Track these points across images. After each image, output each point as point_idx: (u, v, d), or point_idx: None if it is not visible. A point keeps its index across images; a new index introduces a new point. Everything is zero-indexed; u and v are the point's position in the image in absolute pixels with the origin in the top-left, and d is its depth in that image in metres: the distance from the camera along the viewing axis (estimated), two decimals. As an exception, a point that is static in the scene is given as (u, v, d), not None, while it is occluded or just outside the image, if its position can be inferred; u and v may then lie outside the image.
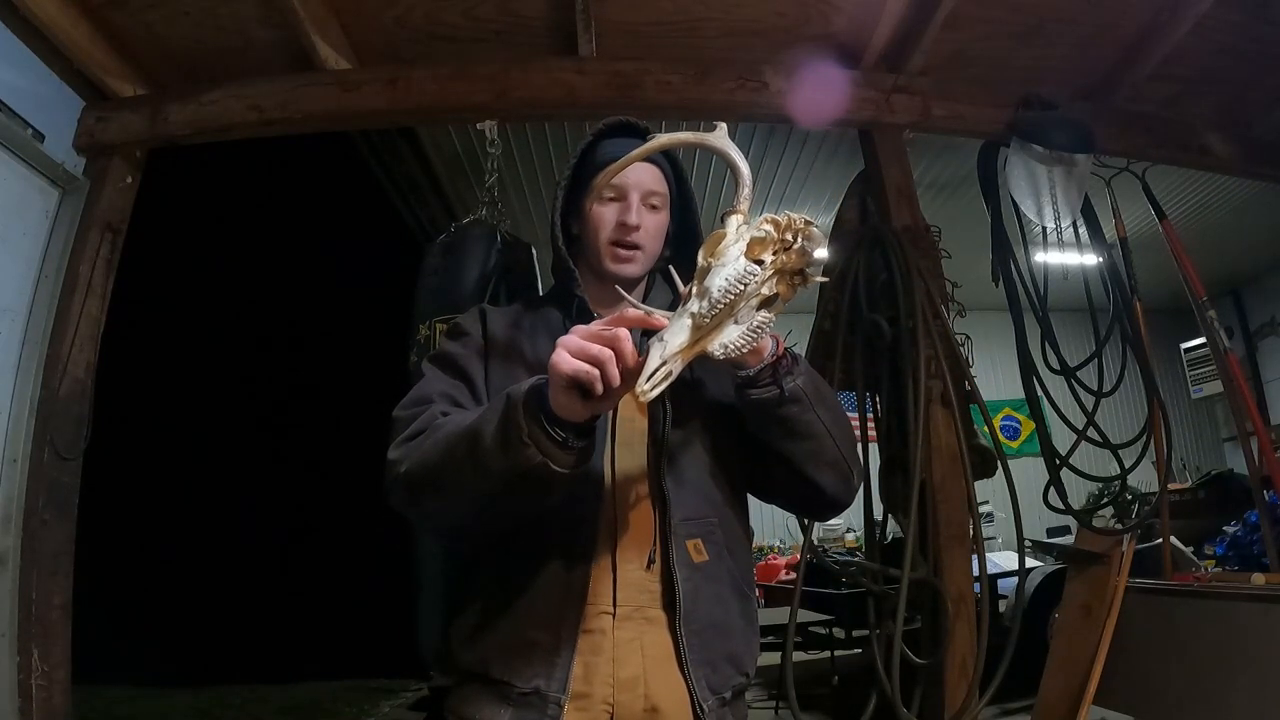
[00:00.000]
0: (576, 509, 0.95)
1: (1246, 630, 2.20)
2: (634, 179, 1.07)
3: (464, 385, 1.02)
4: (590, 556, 0.94)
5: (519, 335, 1.07)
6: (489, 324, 1.08)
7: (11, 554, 1.96)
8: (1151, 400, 2.56)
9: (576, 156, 1.13)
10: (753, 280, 0.79)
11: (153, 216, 2.60)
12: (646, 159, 1.07)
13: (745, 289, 0.79)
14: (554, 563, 0.93)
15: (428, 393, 1.00)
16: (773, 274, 0.82)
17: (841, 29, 2.33)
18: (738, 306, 0.80)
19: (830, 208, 3.59)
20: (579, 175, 1.12)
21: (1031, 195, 2.38)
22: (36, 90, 2.13)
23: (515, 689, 0.91)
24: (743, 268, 0.79)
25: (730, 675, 0.97)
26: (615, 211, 1.07)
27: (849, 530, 5.82)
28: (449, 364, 1.04)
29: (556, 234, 1.11)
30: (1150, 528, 3.13)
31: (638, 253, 1.07)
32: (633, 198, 1.06)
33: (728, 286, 0.77)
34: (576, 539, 0.94)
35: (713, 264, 0.81)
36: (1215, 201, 4.80)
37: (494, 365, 1.04)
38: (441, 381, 1.02)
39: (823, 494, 1.01)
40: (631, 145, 1.07)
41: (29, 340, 2.11)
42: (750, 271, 0.79)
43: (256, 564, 7.13)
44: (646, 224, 1.07)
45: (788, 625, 2.16)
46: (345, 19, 2.24)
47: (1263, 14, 2.30)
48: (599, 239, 1.07)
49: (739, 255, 0.80)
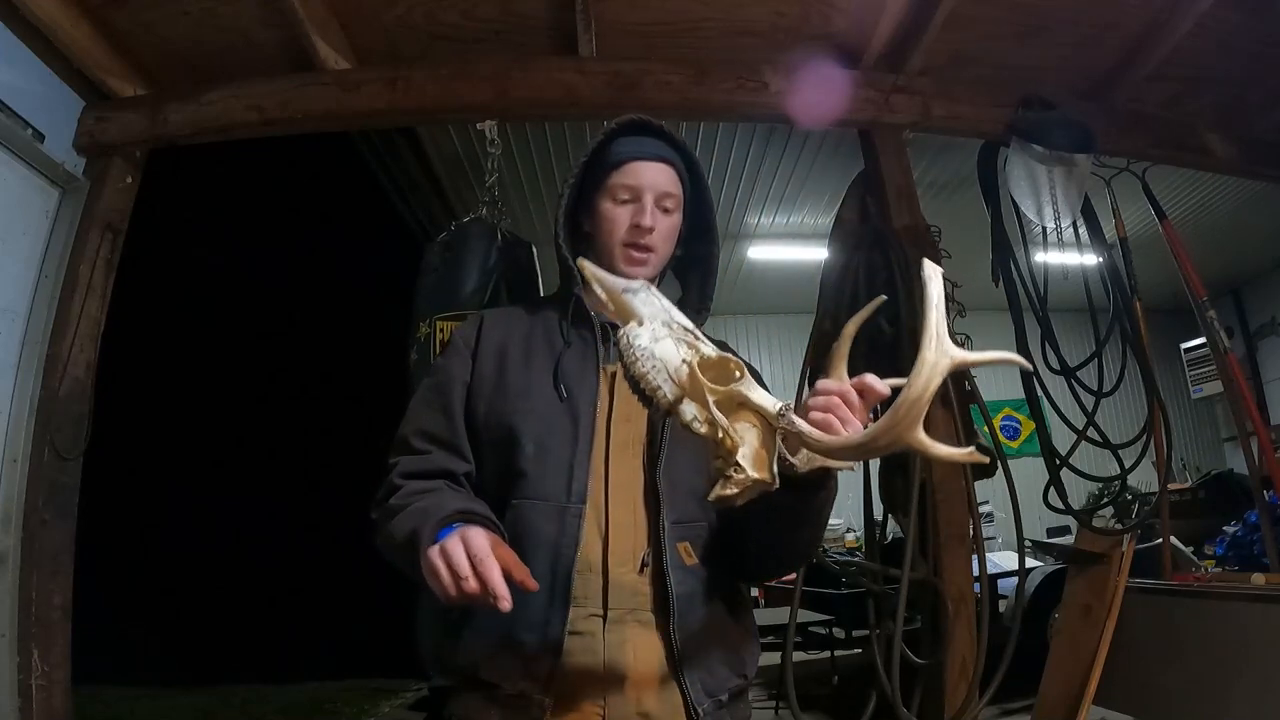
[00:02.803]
0: (567, 511, 0.94)
1: (1246, 630, 2.20)
2: (649, 180, 1.06)
3: (442, 419, 1.02)
4: (579, 559, 0.93)
5: (512, 344, 1.06)
6: (483, 336, 1.08)
7: (11, 554, 1.96)
8: (1151, 400, 2.56)
9: (588, 154, 1.11)
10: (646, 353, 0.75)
11: (153, 216, 2.59)
12: (661, 158, 1.08)
13: (646, 359, 0.75)
14: (542, 565, 0.93)
15: (406, 434, 1.02)
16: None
17: (841, 29, 2.33)
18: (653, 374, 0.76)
19: (830, 208, 3.59)
20: (590, 172, 1.11)
21: (1031, 195, 2.38)
22: (36, 90, 2.13)
23: (502, 691, 0.91)
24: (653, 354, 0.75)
25: (727, 677, 0.96)
26: (630, 213, 1.06)
27: (849, 530, 5.81)
28: (435, 390, 1.05)
29: (559, 231, 1.10)
30: (1150, 528, 3.13)
31: (651, 255, 1.07)
32: (647, 199, 1.06)
33: (648, 372, 0.75)
34: (565, 541, 0.94)
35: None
36: (1215, 201, 4.79)
37: (482, 380, 1.04)
38: (422, 416, 1.04)
39: (771, 575, 1.01)
40: (645, 144, 1.08)
41: (29, 340, 2.11)
42: (645, 349, 0.76)
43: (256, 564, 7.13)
44: (660, 226, 1.06)
45: (788, 625, 2.16)
46: (345, 19, 2.24)
47: (1263, 14, 2.30)
48: (612, 239, 1.07)
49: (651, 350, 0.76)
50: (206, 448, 7.71)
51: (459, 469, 1.00)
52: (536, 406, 1.00)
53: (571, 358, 1.04)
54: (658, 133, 1.11)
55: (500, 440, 0.99)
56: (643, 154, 1.08)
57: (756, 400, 0.72)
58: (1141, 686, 2.44)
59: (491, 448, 1.01)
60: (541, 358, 1.04)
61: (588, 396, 1.00)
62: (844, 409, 0.77)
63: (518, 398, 1.01)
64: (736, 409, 0.72)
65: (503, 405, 1.01)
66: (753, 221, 4.89)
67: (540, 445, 0.97)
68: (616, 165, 1.07)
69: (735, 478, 0.70)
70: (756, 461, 0.70)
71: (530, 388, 1.02)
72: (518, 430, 0.98)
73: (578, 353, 1.05)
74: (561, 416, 0.99)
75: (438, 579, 0.78)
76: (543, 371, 1.03)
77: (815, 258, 4.27)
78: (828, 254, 2.52)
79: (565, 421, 0.99)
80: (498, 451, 1.00)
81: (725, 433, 0.70)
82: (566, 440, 0.98)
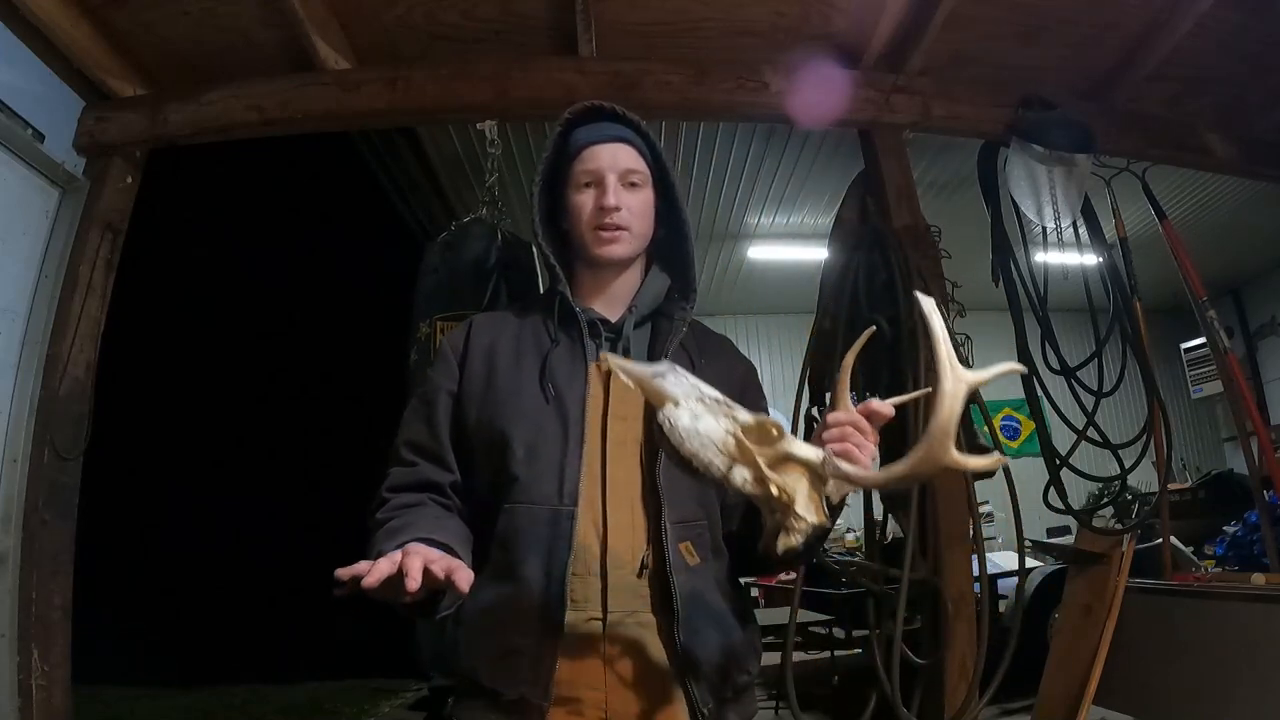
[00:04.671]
0: (560, 513, 0.94)
1: (1246, 630, 2.20)
2: (608, 161, 1.06)
3: (427, 430, 1.03)
4: (575, 562, 0.93)
5: (501, 347, 1.06)
6: (471, 342, 1.07)
7: (11, 554, 1.96)
8: (1151, 400, 2.56)
9: (550, 150, 1.11)
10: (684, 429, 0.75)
11: (153, 216, 2.59)
12: (620, 139, 1.08)
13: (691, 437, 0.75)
14: (538, 569, 0.92)
15: (397, 445, 1.04)
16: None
17: (841, 29, 2.33)
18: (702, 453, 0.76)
19: (830, 208, 3.59)
20: (556, 169, 1.11)
21: (1031, 195, 2.38)
22: (36, 90, 2.13)
23: (503, 697, 0.91)
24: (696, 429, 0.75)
25: (732, 675, 0.96)
26: (593, 197, 1.05)
27: (849, 530, 5.81)
28: (423, 401, 1.06)
29: (537, 230, 1.10)
30: (1150, 528, 3.12)
31: (622, 233, 1.05)
32: (609, 179, 1.05)
33: (697, 450, 0.74)
34: (558, 544, 0.93)
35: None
36: (1215, 201, 4.79)
37: (472, 385, 1.04)
38: (411, 427, 1.05)
39: (775, 571, 1.01)
40: (602, 128, 1.08)
41: (29, 340, 2.11)
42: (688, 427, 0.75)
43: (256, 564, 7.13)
44: (629, 203, 1.05)
45: (788, 625, 2.16)
46: (345, 19, 2.24)
47: (1263, 14, 2.30)
48: (581, 225, 1.06)
49: (694, 424, 0.76)
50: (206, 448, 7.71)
51: (444, 480, 1.00)
52: (526, 408, 0.99)
53: (559, 357, 1.03)
54: (612, 115, 1.10)
55: (492, 445, 0.99)
56: (600, 137, 1.08)
57: (802, 455, 0.78)
58: (1141, 686, 2.44)
59: (484, 453, 1.00)
60: (530, 359, 1.04)
61: (577, 395, 0.99)
62: (857, 435, 0.83)
63: (507, 401, 1.00)
64: (783, 463, 0.78)
65: (493, 409, 1.00)
66: (753, 221, 4.88)
67: (530, 448, 0.96)
68: (576, 154, 1.07)
69: (797, 527, 0.75)
70: (812, 508, 0.76)
71: (519, 390, 1.01)
72: (508, 434, 0.97)
73: (565, 351, 1.04)
74: (551, 417, 0.98)
75: (356, 570, 0.76)
76: (532, 373, 1.02)
77: (815, 258, 4.26)
78: (828, 254, 2.52)
79: (555, 422, 0.98)
80: (490, 456, 0.99)
81: (781, 490, 0.76)
82: (556, 441, 0.97)
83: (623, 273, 1.10)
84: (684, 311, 1.09)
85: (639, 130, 1.10)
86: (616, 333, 1.07)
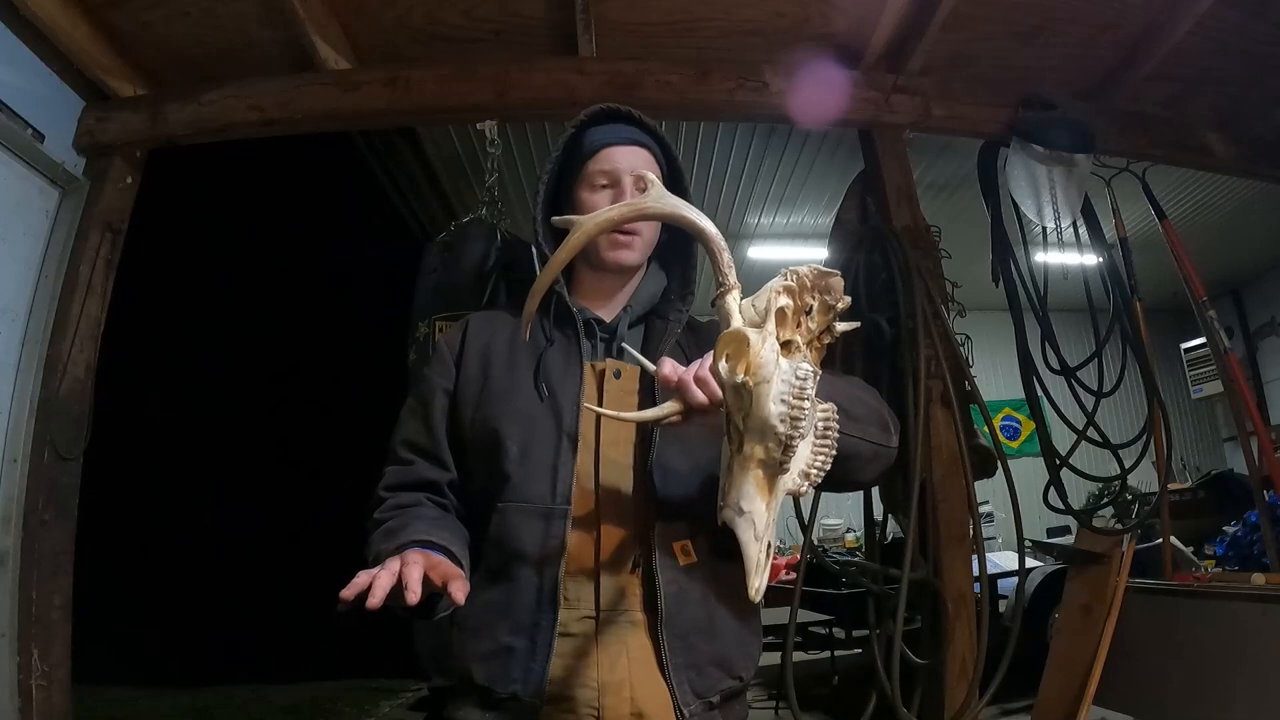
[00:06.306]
0: (552, 512, 0.94)
1: (1246, 630, 2.20)
2: (626, 163, 1.05)
3: (423, 428, 1.04)
4: (568, 561, 0.93)
5: (497, 346, 1.06)
6: (467, 341, 1.08)
7: (11, 554, 1.96)
8: (1151, 400, 2.56)
9: (560, 148, 1.11)
10: (811, 381, 0.62)
11: (153, 216, 2.59)
12: (635, 142, 1.07)
13: (806, 399, 0.62)
14: (531, 568, 0.92)
15: (394, 444, 1.05)
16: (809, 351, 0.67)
17: (841, 29, 2.33)
18: (804, 423, 0.63)
19: (830, 208, 3.59)
20: (566, 166, 1.10)
21: (1031, 195, 2.38)
22: (36, 90, 2.13)
23: (495, 694, 0.91)
24: (795, 378, 0.62)
25: (719, 679, 0.95)
26: (609, 198, 1.05)
27: (849, 530, 5.82)
28: (419, 400, 1.06)
29: (537, 229, 1.10)
30: (1150, 528, 3.13)
31: (635, 239, 1.06)
32: (626, 182, 1.04)
33: (791, 412, 0.61)
34: (550, 544, 0.93)
35: (751, 383, 0.64)
36: (1215, 201, 4.80)
37: (467, 385, 1.04)
38: (407, 426, 1.06)
39: (869, 481, 1.02)
40: (619, 130, 1.08)
41: (29, 340, 2.11)
42: (803, 376, 0.62)
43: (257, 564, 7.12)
44: None
45: (788, 625, 2.15)
46: (345, 19, 2.24)
47: (1263, 14, 2.30)
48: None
49: (777, 359, 0.64)
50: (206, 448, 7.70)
51: (441, 479, 1.01)
52: (520, 408, 0.99)
53: (554, 356, 1.03)
54: (628, 118, 1.10)
55: (486, 444, 0.99)
56: (617, 139, 1.07)
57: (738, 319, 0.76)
58: (1141, 686, 2.44)
59: (479, 452, 1.00)
60: (525, 358, 1.04)
61: (571, 394, 0.99)
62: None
63: (502, 400, 1.00)
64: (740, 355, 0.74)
65: (488, 409, 1.00)
66: (753, 221, 4.89)
67: (524, 447, 0.97)
68: (592, 153, 1.07)
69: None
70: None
71: (514, 389, 1.01)
72: (502, 433, 0.97)
73: (560, 350, 1.04)
74: (544, 416, 0.98)
75: (357, 586, 0.77)
76: (526, 372, 1.02)
77: (815, 258, 4.26)
78: (828, 254, 2.52)
79: (548, 421, 0.98)
80: (485, 455, 0.99)
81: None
82: (550, 440, 0.97)
83: (627, 275, 1.10)
84: (680, 312, 1.09)
85: (655, 135, 1.10)
86: (611, 333, 1.07)
